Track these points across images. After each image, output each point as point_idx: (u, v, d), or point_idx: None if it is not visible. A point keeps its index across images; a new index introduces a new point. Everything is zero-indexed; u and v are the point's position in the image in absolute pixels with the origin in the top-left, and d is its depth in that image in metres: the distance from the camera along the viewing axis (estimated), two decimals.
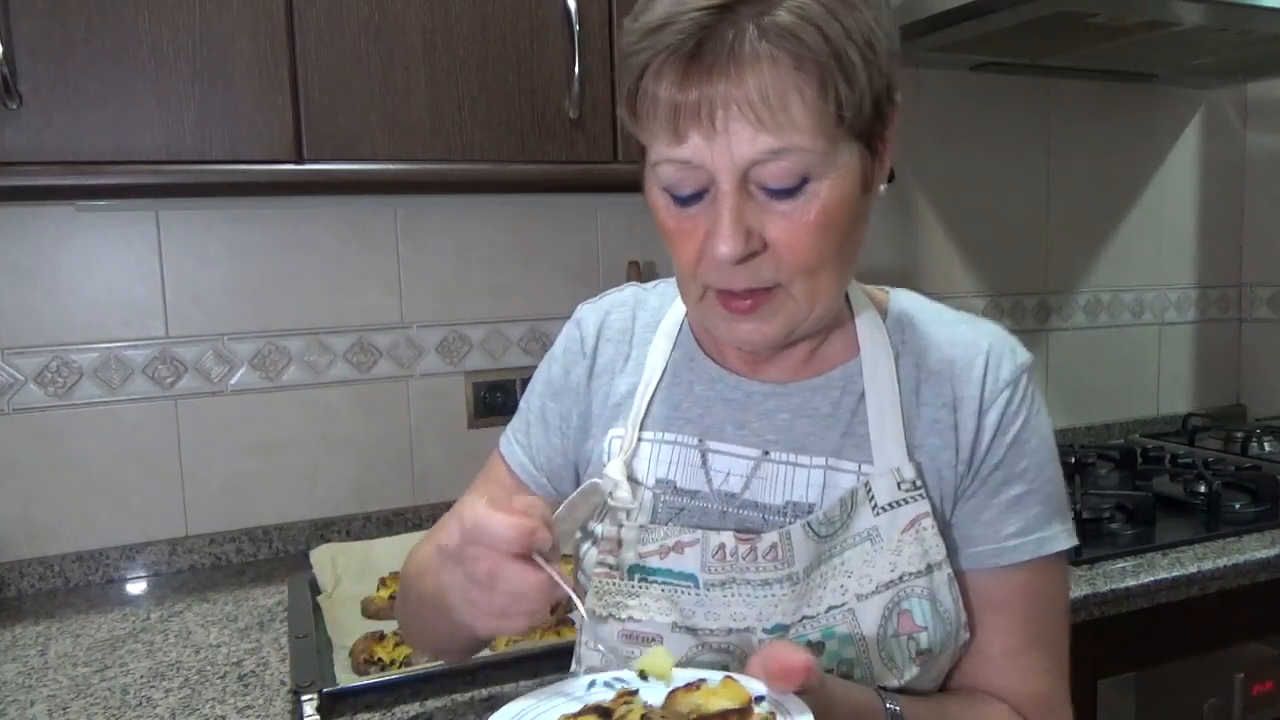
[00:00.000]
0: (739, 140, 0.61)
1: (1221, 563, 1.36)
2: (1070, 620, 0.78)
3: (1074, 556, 1.37)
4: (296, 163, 1.20)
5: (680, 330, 0.83)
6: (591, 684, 0.64)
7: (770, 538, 0.73)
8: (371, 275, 1.59)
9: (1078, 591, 1.26)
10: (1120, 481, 1.78)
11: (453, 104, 1.26)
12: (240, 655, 1.17)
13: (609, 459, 0.79)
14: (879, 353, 0.75)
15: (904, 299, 0.81)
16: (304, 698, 1.00)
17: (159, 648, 1.20)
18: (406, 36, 1.23)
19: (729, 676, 0.59)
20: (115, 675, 1.12)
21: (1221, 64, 1.95)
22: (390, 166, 1.24)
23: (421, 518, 1.61)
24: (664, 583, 0.74)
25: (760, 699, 0.56)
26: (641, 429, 0.79)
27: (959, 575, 0.72)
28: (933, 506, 0.71)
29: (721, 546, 0.73)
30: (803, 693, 0.56)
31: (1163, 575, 1.32)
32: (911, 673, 0.69)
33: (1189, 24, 1.60)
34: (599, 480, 0.78)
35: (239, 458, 1.53)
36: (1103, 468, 1.85)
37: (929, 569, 0.70)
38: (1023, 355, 0.76)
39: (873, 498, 0.71)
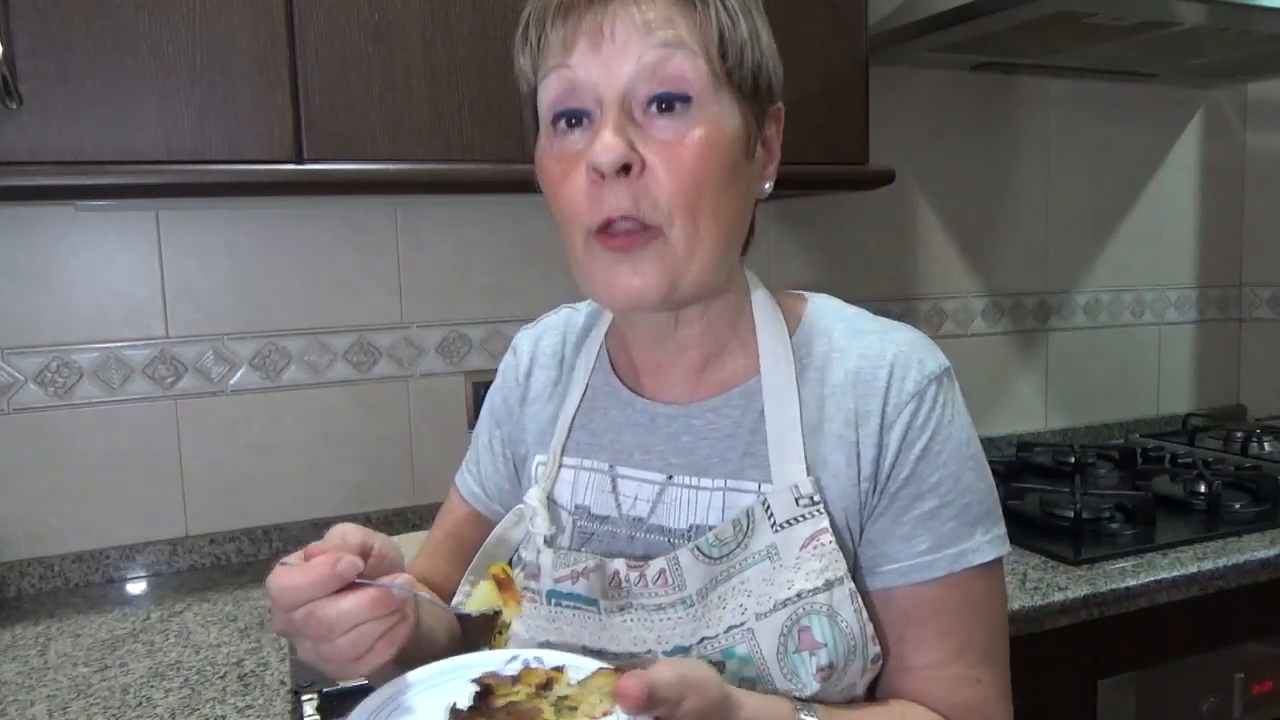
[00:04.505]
0: (629, 44, 0.64)
1: (1221, 563, 1.36)
2: (1008, 627, 0.76)
3: (1073, 557, 1.37)
4: (296, 163, 1.20)
5: (599, 354, 0.83)
6: (513, 658, 0.65)
7: (658, 564, 0.72)
8: (371, 275, 1.59)
9: (1077, 592, 1.26)
10: (1120, 481, 1.78)
11: (453, 104, 1.26)
12: (240, 655, 1.17)
13: (533, 485, 0.81)
14: (780, 369, 0.74)
15: (819, 308, 0.79)
16: (304, 698, 1.00)
17: (159, 648, 1.20)
18: (406, 36, 1.23)
19: (603, 669, 0.61)
20: (115, 675, 1.12)
21: (1221, 64, 1.95)
22: (390, 166, 1.24)
23: (421, 518, 1.61)
24: (574, 607, 0.75)
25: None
26: (563, 455, 0.81)
27: (875, 593, 0.71)
28: (834, 523, 0.70)
29: (616, 574, 0.74)
30: (674, 716, 0.55)
31: (1163, 575, 1.32)
32: (814, 688, 0.68)
33: (1189, 24, 1.60)
34: (521, 507, 0.80)
35: (239, 458, 1.53)
36: (1102, 468, 1.85)
37: (828, 585, 0.68)
38: (933, 364, 0.72)
39: (771, 515, 0.70)
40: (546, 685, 0.61)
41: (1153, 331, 2.29)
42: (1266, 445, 1.96)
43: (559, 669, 0.63)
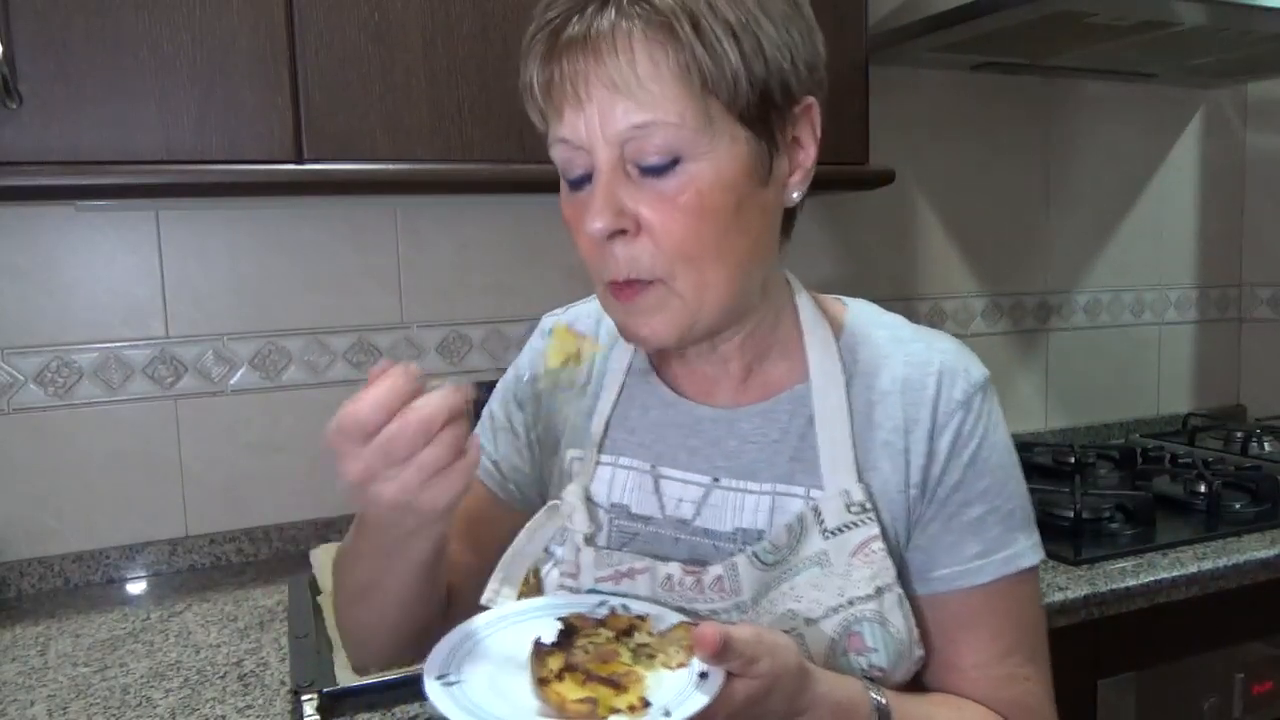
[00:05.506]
0: (606, 113, 0.63)
1: (1221, 563, 1.36)
2: (1046, 624, 0.77)
3: (1073, 557, 1.37)
4: (296, 163, 1.20)
5: (635, 350, 0.82)
6: (601, 603, 0.66)
7: (715, 570, 0.72)
8: (371, 275, 1.59)
9: (1077, 592, 1.26)
10: (1120, 481, 1.78)
11: (453, 104, 1.26)
12: (240, 655, 1.17)
13: (569, 480, 0.79)
14: (829, 376, 0.74)
15: (859, 314, 0.79)
16: (304, 698, 1.00)
17: (159, 648, 1.20)
18: (406, 36, 1.23)
19: (685, 623, 0.63)
20: (115, 675, 1.12)
21: (1221, 64, 1.95)
22: (390, 166, 1.24)
23: None
24: None
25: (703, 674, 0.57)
26: (600, 451, 0.79)
27: (924, 598, 0.72)
28: (883, 529, 0.70)
29: (669, 577, 0.73)
30: (746, 672, 0.56)
31: (1163, 575, 1.32)
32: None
33: (1189, 24, 1.60)
34: (559, 502, 0.78)
35: (239, 458, 1.53)
36: (1103, 468, 1.85)
37: (878, 591, 0.69)
38: (977, 373, 0.74)
39: (822, 521, 0.70)
40: (629, 631, 0.62)
41: (1153, 331, 2.29)
42: (1266, 445, 1.96)
43: (642, 617, 0.64)
